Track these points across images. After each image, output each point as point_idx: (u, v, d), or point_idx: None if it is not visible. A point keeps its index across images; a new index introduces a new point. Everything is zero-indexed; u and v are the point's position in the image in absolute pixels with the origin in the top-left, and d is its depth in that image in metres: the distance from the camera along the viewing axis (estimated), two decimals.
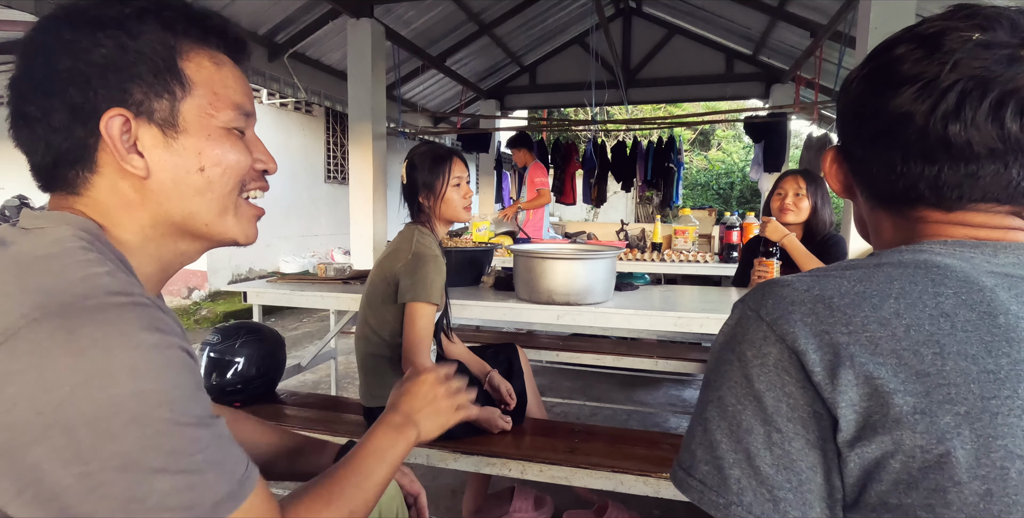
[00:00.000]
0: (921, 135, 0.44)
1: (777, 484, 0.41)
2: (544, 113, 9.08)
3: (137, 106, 0.52)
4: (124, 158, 0.52)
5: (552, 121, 8.61)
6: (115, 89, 0.51)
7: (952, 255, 0.44)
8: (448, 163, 1.56)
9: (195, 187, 0.55)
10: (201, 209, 0.56)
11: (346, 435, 1.61)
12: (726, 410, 0.44)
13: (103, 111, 0.50)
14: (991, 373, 0.37)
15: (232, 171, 0.57)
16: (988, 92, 0.42)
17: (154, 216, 0.55)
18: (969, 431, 0.36)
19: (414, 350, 1.42)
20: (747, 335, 0.45)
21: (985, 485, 0.35)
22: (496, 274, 2.15)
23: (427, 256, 1.45)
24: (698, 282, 3.65)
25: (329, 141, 7.11)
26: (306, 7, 4.32)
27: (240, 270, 5.88)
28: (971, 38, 0.43)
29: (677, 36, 6.52)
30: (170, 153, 0.53)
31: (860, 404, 0.39)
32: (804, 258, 1.86)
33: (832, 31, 4.08)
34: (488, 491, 1.76)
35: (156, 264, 0.57)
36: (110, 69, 0.50)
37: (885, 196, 0.51)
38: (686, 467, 0.45)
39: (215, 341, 1.85)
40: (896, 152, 0.47)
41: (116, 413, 0.40)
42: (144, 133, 0.52)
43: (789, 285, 0.45)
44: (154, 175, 0.53)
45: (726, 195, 12.81)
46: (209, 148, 0.55)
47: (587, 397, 2.94)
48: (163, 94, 0.52)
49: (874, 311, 0.41)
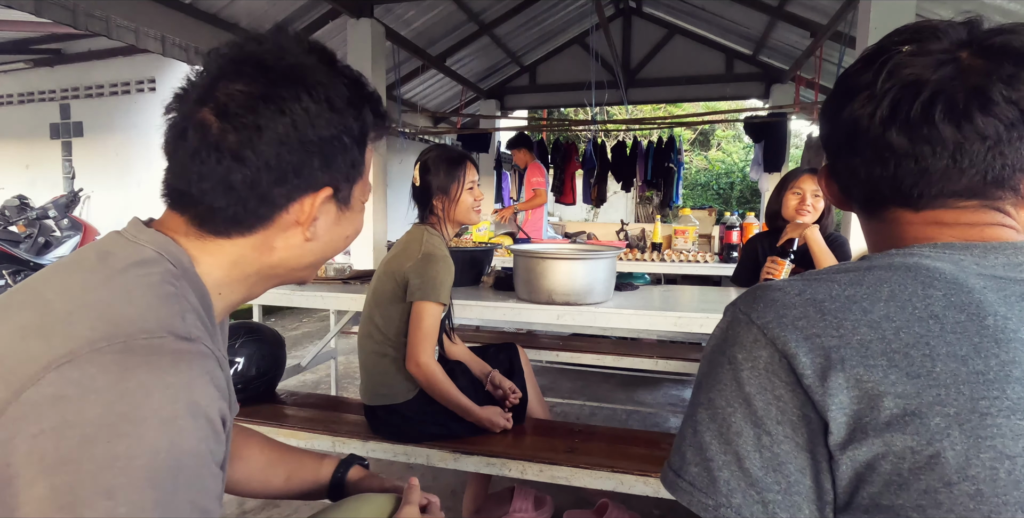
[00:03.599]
0: (868, 139, 0.48)
1: (766, 486, 0.41)
2: (544, 113, 9.09)
3: (336, 184, 0.56)
4: (308, 227, 0.56)
5: (552, 121, 8.61)
6: (334, 168, 0.55)
7: (942, 258, 0.45)
8: (463, 167, 1.59)
9: (334, 249, 0.61)
10: (314, 261, 0.61)
11: (346, 435, 1.61)
12: (716, 412, 0.44)
13: (320, 187, 0.55)
14: (980, 374, 0.38)
15: (355, 237, 0.64)
16: (919, 95, 0.45)
17: (278, 265, 0.58)
18: (959, 432, 0.37)
19: (419, 348, 1.43)
20: (738, 338, 0.45)
21: (975, 486, 0.36)
22: (496, 274, 2.15)
23: (437, 256, 1.46)
24: (698, 282, 3.65)
25: None
26: (306, 7, 4.32)
27: None
28: (901, 50, 0.47)
29: (677, 36, 6.52)
30: (335, 224, 0.59)
31: (851, 407, 0.39)
32: (823, 252, 1.84)
33: (832, 31, 4.09)
34: (488, 491, 1.76)
35: (240, 298, 0.61)
36: (338, 150, 0.54)
37: (862, 202, 0.54)
38: (676, 469, 0.46)
39: None
40: (856, 158, 0.50)
41: (125, 469, 0.40)
42: (330, 207, 0.58)
43: (781, 289, 0.46)
44: (317, 240, 0.58)
45: (726, 195, 12.81)
46: (359, 220, 0.63)
47: (587, 397, 2.94)
48: (355, 177, 0.58)
49: (864, 314, 0.41)
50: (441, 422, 1.53)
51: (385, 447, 1.56)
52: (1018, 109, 0.43)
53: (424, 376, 1.45)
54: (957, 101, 0.44)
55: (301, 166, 0.53)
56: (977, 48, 0.45)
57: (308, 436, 1.65)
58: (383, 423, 1.56)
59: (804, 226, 1.89)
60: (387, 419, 1.55)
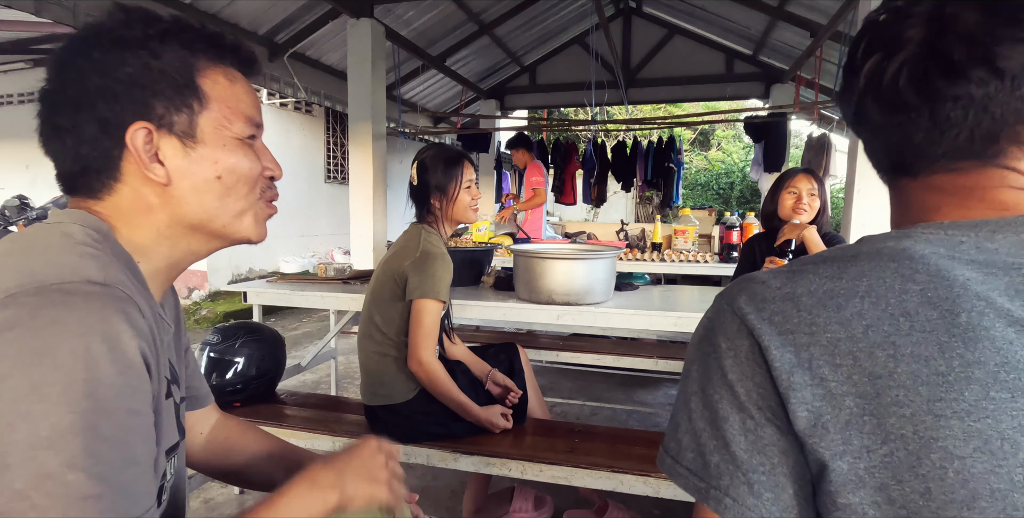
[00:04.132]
0: (859, 112, 0.49)
1: (751, 467, 0.43)
2: (544, 113, 9.08)
3: (159, 119, 0.56)
4: (147, 167, 0.57)
5: (552, 121, 8.60)
6: (140, 104, 0.56)
7: (939, 242, 0.43)
8: (461, 166, 1.59)
9: (213, 193, 0.60)
10: (220, 212, 0.61)
11: (346, 435, 1.61)
12: (707, 400, 0.46)
13: (129, 124, 0.55)
14: (941, 375, 0.38)
15: (245, 177, 0.62)
16: (892, 55, 0.45)
17: (171, 218, 0.59)
18: (912, 432, 0.37)
19: (420, 346, 1.43)
20: (723, 327, 0.47)
21: (925, 484, 0.37)
22: (496, 274, 2.15)
23: (436, 254, 1.46)
24: (698, 282, 3.66)
25: (329, 141, 7.11)
26: (306, 7, 4.32)
27: (240, 270, 5.88)
28: (879, 19, 0.47)
29: (677, 36, 6.52)
30: (189, 162, 0.58)
31: (813, 404, 0.40)
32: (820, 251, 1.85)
33: (832, 31, 4.08)
34: (488, 491, 1.76)
35: (166, 261, 0.62)
36: (135, 86, 0.55)
37: (876, 167, 0.53)
38: (674, 455, 0.48)
39: (215, 341, 1.85)
40: (863, 131, 0.50)
41: (42, 395, 0.42)
42: (166, 144, 0.57)
43: (764, 282, 0.46)
44: (175, 182, 0.58)
45: (726, 195, 12.81)
46: (224, 157, 0.60)
47: (587, 397, 2.94)
48: (182, 108, 0.57)
49: (838, 311, 0.42)
50: (441, 422, 1.53)
51: None
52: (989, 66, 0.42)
53: (426, 374, 1.45)
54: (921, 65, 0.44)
55: (100, 108, 0.55)
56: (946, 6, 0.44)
57: (308, 436, 1.65)
58: (383, 423, 1.56)
59: (802, 227, 1.89)
60: (387, 419, 1.55)
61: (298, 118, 6.57)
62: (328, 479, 0.63)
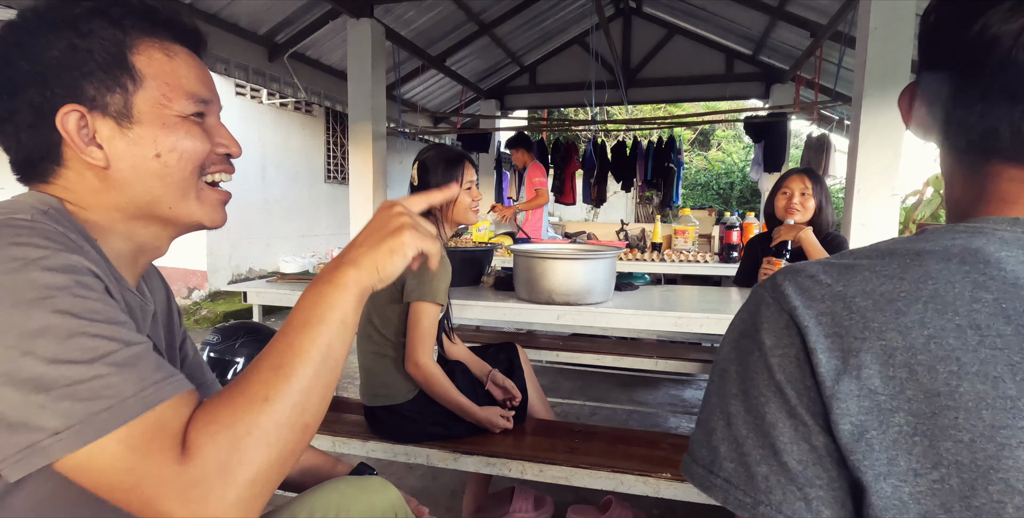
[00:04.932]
0: (1006, 65, 0.38)
1: (807, 481, 0.38)
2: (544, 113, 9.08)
3: (91, 101, 0.55)
4: (83, 151, 0.55)
5: (552, 121, 8.60)
6: (69, 87, 0.54)
7: (1016, 242, 0.38)
8: (461, 167, 1.59)
9: (153, 173, 0.57)
10: (163, 193, 0.59)
11: (346, 435, 1.61)
12: (750, 403, 0.41)
13: (58, 108, 0.54)
14: (1010, 399, 0.33)
15: (188, 156, 0.59)
16: None
17: (118, 202, 0.58)
18: (970, 459, 0.33)
19: (418, 349, 1.43)
20: (768, 323, 0.41)
21: (977, 517, 0.33)
22: (496, 274, 2.15)
23: None
24: (698, 282, 3.66)
25: (329, 141, 7.11)
26: (306, 7, 4.32)
27: (240, 270, 5.88)
28: None
29: (677, 36, 6.52)
30: (127, 143, 0.56)
31: (858, 417, 0.36)
32: (819, 254, 1.85)
33: (832, 31, 4.08)
34: (488, 491, 1.76)
35: (127, 243, 0.60)
36: (63, 68, 0.53)
37: (961, 144, 0.44)
38: (706, 465, 0.42)
39: (215, 341, 1.85)
40: (975, 88, 0.40)
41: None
42: (101, 126, 0.55)
43: (813, 276, 0.41)
44: (114, 164, 0.56)
45: (726, 195, 12.81)
46: (164, 136, 0.57)
47: (587, 397, 2.94)
48: (115, 88, 0.55)
49: (896, 316, 0.37)
50: (441, 422, 1.53)
51: (385, 447, 1.56)
52: None
53: (423, 377, 1.45)
54: None
55: (31, 94, 0.53)
56: None
57: None
58: (383, 423, 1.56)
59: (797, 228, 1.89)
60: (387, 420, 1.55)
61: (298, 118, 6.57)
62: (334, 264, 0.55)
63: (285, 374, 0.48)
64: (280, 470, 0.46)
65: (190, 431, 0.45)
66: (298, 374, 0.48)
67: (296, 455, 0.48)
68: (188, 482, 0.42)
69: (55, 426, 0.41)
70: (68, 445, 0.41)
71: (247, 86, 5.58)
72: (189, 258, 5.45)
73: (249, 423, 0.45)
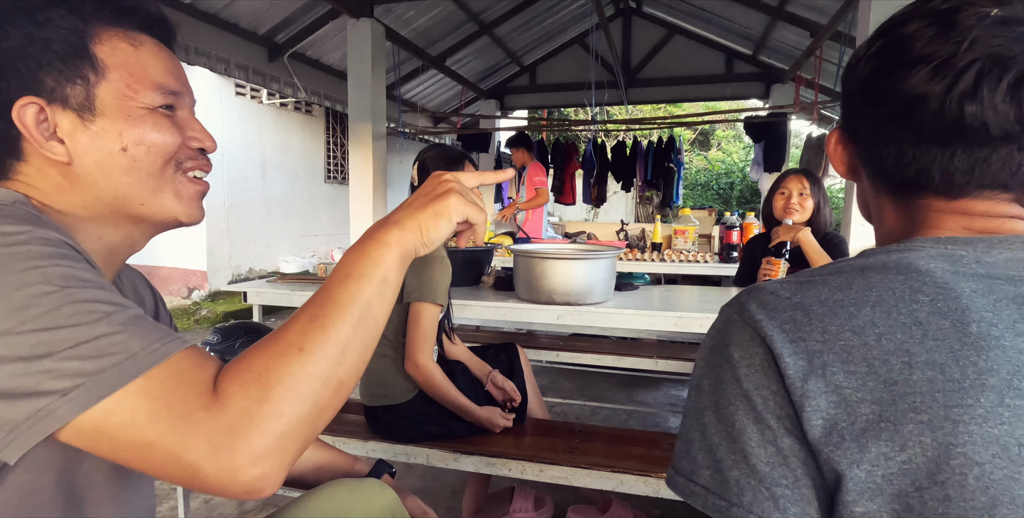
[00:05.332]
0: (936, 117, 0.43)
1: (774, 481, 0.41)
2: (544, 113, 9.09)
3: (50, 93, 0.52)
4: (43, 145, 0.52)
5: (552, 121, 8.61)
6: (26, 78, 0.51)
7: (940, 256, 0.44)
8: (461, 167, 1.59)
9: (120, 168, 0.54)
10: (133, 189, 0.56)
11: (346, 435, 1.61)
12: (721, 413, 0.44)
13: (15, 100, 0.51)
14: (956, 382, 0.38)
15: (157, 149, 0.56)
16: (1006, 71, 0.40)
17: (85, 198, 0.55)
18: (931, 439, 0.37)
19: (417, 349, 1.43)
20: (734, 337, 0.45)
21: (944, 491, 0.36)
22: (496, 274, 2.15)
23: (434, 257, 1.46)
24: (698, 282, 3.66)
25: (329, 141, 7.11)
26: (306, 7, 4.32)
27: (240, 270, 5.88)
28: (988, 14, 0.41)
29: (677, 36, 6.52)
30: (90, 137, 0.53)
31: (828, 411, 0.40)
32: (817, 254, 1.85)
33: (832, 31, 4.08)
34: (488, 491, 1.76)
35: (97, 243, 0.57)
36: (19, 59, 0.50)
37: (894, 181, 0.49)
38: (687, 474, 0.46)
39: (215, 341, 1.85)
40: (908, 135, 0.45)
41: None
42: (62, 119, 0.52)
43: (773, 292, 0.46)
44: (76, 159, 0.53)
45: (726, 195, 12.81)
46: (129, 129, 0.54)
47: (587, 397, 2.94)
48: (75, 79, 0.52)
49: (849, 319, 0.41)
50: (441, 422, 1.53)
51: (385, 447, 1.56)
52: None
53: (423, 377, 1.45)
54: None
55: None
56: None
57: None
58: (383, 423, 1.56)
59: (795, 229, 1.89)
60: (387, 419, 1.55)
61: (298, 118, 6.57)
62: (377, 225, 0.54)
63: (322, 325, 0.46)
64: (312, 427, 0.45)
65: (221, 378, 0.43)
66: (336, 326, 0.47)
67: (329, 413, 0.46)
68: (216, 429, 0.41)
69: (64, 386, 0.39)
70: (80, 403, 0.39)
71: (247, 86, 5.57)
72: (189, 258, 5.45)
73: (282, 372, 0.43)
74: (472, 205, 0.55)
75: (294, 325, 0.47)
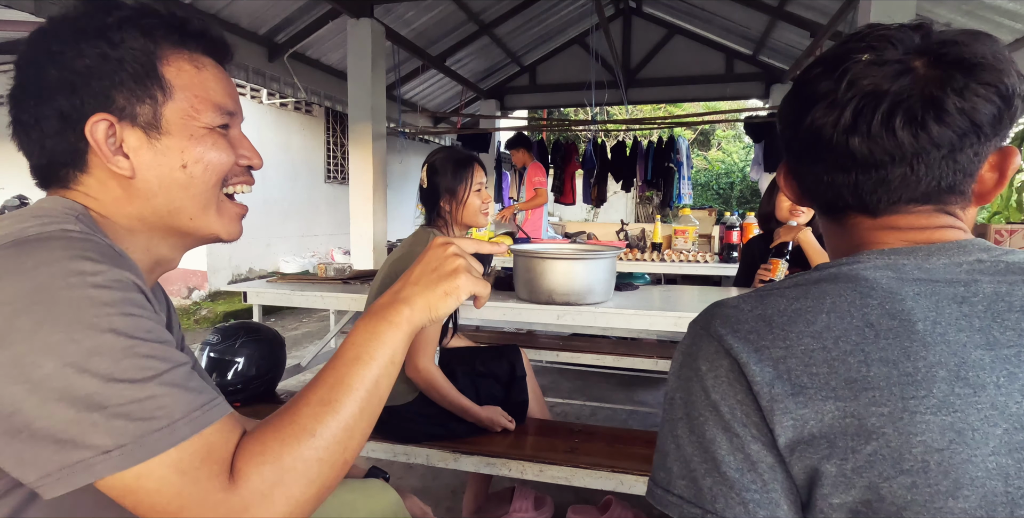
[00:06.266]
0: (830, 147, 0.50)
1: (744, 486, 0.43)
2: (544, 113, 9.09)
3: (120, 111, 0.55)
4: (110, 160, 0.55)
5: (552, 121, 8.61)
6: (99, 96, 0.54)
7: (885, 266, 0.48)
8: (471, 169, 1.58)
9: (178, 183, 0.58)
10: (186, 204, 0.59)
11: None
12: (693, 424, 0.47)
13: (88, 116, 0.54)
14: (909, 375, 0.41)
15: (213, 167, 0.59)
16: (879, 105, 0.46)
17: (142, 212, 0.58)
18: (892, 429, 0.40)
19: (418, 353, 1.42)
20: (701, 352, 0.49)
21: (910, 478, 0.39)
22: (496, 274, 2.15)
23: None
24: (698, 282, 3.65)
25: (329, 141, 7.11)
26: (306, 7, 4.32)
27: (240, 270, 5.88)
28: (861, 58, 0.48)
29: (677, 36, 6.52)
30: (154, 153, 0.56)
31: (797, 412, 0.42)
32: (817, 254, 1.85)
33: (832, 31, 4.08)
34: (488, 491, 1.76)
35: (145, 254, 0.60)
36: (93, 77, 0.54)
37: (823, 205, 0.56)
38: (665, 485, 0.48)
39: (215, 341, 1.85)
40: (819, 164, 0.52)
41: (51, 326, 0.42)
42: (129, 136, 0.55)
43: (735, 306, 0.50)
44: (139, 174, 0.56)
45: (726, 195, 12.81)
46: (191, 147, 0.57)
47: (587, 397, 2.94)
48: (145, 99, 0.55)
49: (808, 326, 0.45)
50: (441, 422, 1.53)
51: (385, 447, 1.56)
52: (969, 119, 0.45)
53: (423, 380, 1.44)
54: (915, 111, 0.46)
55: (59, 101, 0.54)
56: (932, 58, 0.46)
57: None
58: (383, 424, 1.55)
59: (797, 229, 1.89)
60: (387, 420, 1.55)
61: (298, 118, 6.57)
62: (388, 299, 0.57)
63: (334, 410, 0.49)
64: (316, 502, 0.48)
65: (238, 459, 0.46)
66: (346, 410, 0.50)
67: (331, 489, 0.49)
68: (232, 510, 0.44)
69: (106, 444, 0.41)
70: (117, 464, 0.42)
71: (247, 86, 5.57)
72: (189, 258, 5.45)
73: (295, 457, 0.47)
74: (479, 282, 0.59)
75: (307, 406, 0.50)
